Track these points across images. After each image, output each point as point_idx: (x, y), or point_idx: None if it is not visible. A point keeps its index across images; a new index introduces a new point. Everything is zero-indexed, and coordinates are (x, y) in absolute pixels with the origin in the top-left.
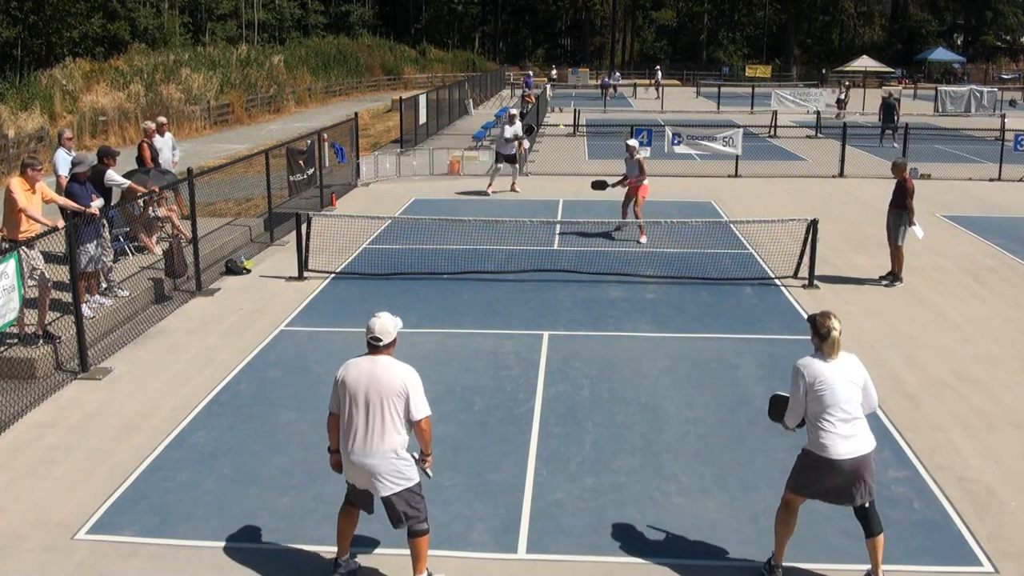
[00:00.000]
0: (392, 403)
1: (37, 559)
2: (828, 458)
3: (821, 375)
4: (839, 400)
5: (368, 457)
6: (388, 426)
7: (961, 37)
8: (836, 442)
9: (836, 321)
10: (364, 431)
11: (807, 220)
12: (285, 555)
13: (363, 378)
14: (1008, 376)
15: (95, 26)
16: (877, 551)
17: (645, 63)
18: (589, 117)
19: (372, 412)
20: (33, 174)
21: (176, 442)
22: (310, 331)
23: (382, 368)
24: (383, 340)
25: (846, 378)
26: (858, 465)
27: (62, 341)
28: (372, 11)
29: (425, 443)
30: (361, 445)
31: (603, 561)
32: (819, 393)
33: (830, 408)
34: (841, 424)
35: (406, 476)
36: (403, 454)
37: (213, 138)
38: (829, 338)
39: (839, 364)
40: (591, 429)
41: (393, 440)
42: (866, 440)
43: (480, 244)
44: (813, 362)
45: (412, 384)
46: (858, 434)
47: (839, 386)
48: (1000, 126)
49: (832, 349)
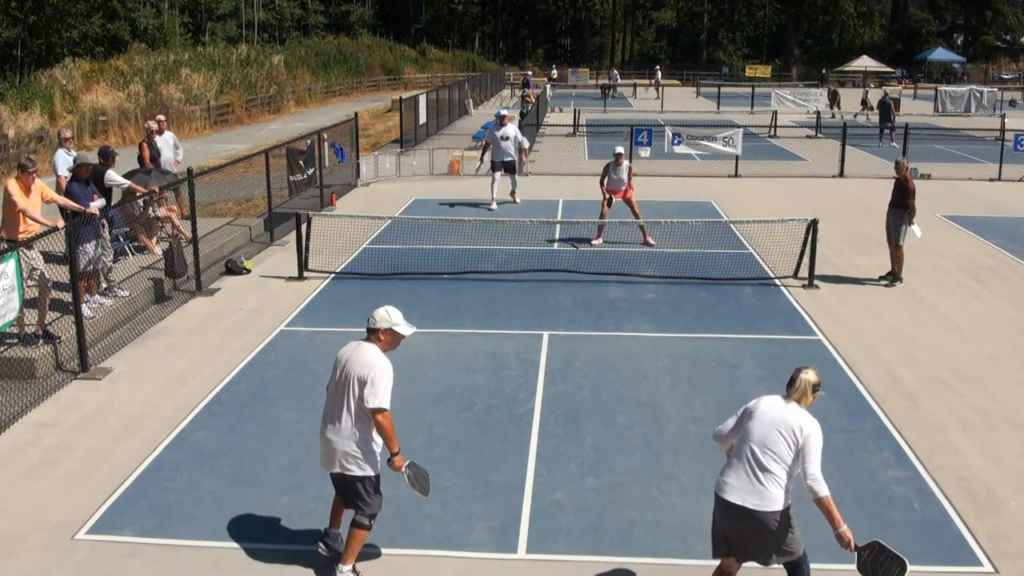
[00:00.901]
0: (352, 388)
1: (37, 559)
2: (718, 495)
3: (755, 409)
4: (753, 441)
5: (331, 433)
6: (350, 406)
7: (961, 37)
8: (729, 482)
9: (813, 373)
10: (331, 409)
11: (807, 220)
12: (285, 555)
13: (344, 359)
14: (1008, 376)
15: (95, 26)
16: None
17: (645, 63)
18: (589, 117)
19: (340, 392)
20: (27, 176)
21: (176, 442)
22: (310, 331)
23: (360, 353)
24: (373, 325)
25: (777, 424)
26: (745, 518)
27: (62, 341)
28: (372, 11)
29: (385, 437)
30: (329, 422)
31: (603, 561)
32: (743, 429)
33: (742, 445)
34: (743, 470)
35: (362, 464)
36: (365, 438)
37: (213, 138)
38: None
39: (784, 409)
40: (591, 429)
41: (356, 423)
42: (766, 498)
43: (480, 244)
44: (766, 397)
45: (377, 373)
46: (758, 488)
47: (763, 429)
48: (1000, 126)
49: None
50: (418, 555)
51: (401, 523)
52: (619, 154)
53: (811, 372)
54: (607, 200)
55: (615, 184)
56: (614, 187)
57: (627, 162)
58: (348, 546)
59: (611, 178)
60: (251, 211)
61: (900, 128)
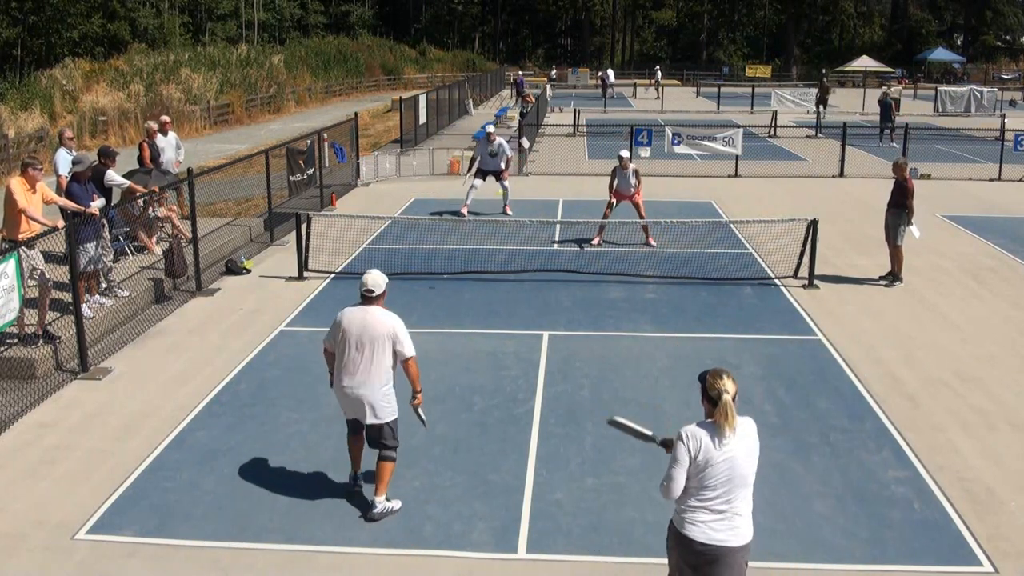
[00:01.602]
0: (382, 345)
1: (37, 559)
2: (685, 535)
3: (709, 455)
4: (719, 484)
5: (361, 388)
6: (376, 364)
7: (961, 37)
8: (697, 526)
9: (730, 382)
10: (358, 368)
11: (807, 220)
12: (285, 555)
13: (357, 324)
14: (1008, 376)
15: (95, 26)
16: None
17: (645, 63)
18: (589, 117)
19: (365, 353)
20: (34, 174)
21: (176, 442)
22: (310, 331)
23: (373, 316)
24: (375, 291)
25: (737, 458)
26: (718, 556)
27: (62, 341)
28: (372, 11)
29: (413, 380)
30: (355, 379)
31: (603, 561)
32: (702, 473)
33: (706, 490)
34: (713, 510)
35: (389, 411)
36: (388, 389)
37: (213, 138)
38: (720, 404)
39: (735, 438)
40: (591, 429)
41: (381, 376)
42: (740, 533)
43: (480, 244)
44: (702, 435)
45: (400, 329)
46: (732, 524)
47: (728, 468)
48: (1000, 126)
49: (724, 418)
50: (418, 555)
51: (401, 523)
52: (621, 158)
53: (730, 386)
54: (611, 203)
55: (623, 187)
56: (622, 190)
57: (633, 165)
58: (381, 478)
59: (619, 181)
60: (251, 211)
61: (900, 128)
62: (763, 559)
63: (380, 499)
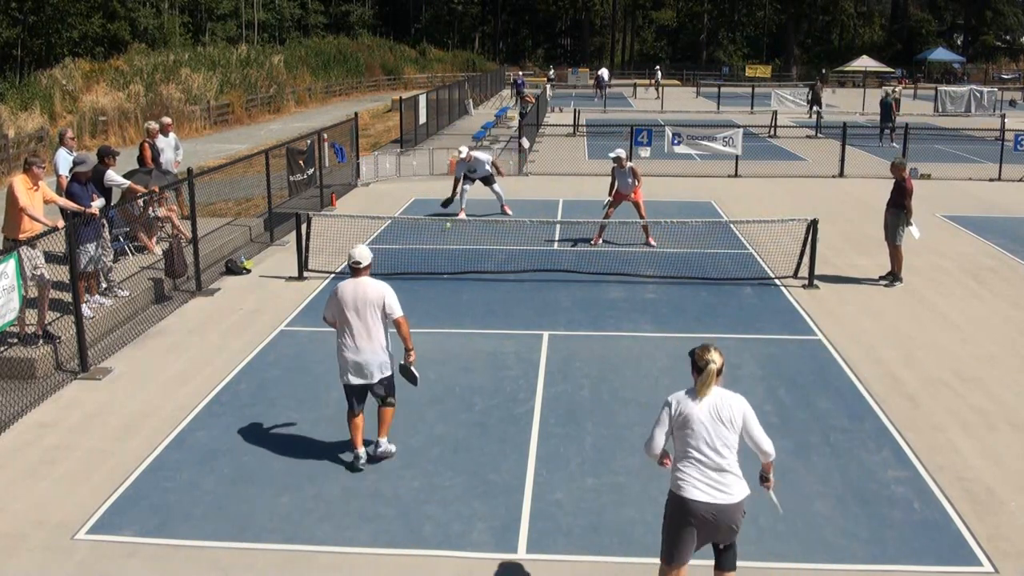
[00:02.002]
0: (375, 309)
1: (37, 559)
2: (684, 498)
3: (688, 412)
4: (699, 441)
5: (368, 352)
6: (373, 326)
7: (961, 37)
8: (694, 486)
9: (717, 355)
10: (359, 332)
11: (807, 220)
12: (285, 555)
13: (350, 293)
14: (1008, 376)
15: (95, 26)
16: None
17: (645, 63)
18: (589, 117)
19: (362, 318)
20: (37, 172)
21: (176, 442)
22: (310, 331)
23: (363, 284)
24: (361, 263)
25: (715, 418)
26: (715, 515)
27: (62, 341)
28: (372, 11)
29: (405, 338)
30: (361, 344)
31: (603, 561)
32: (683, 432)
33: (691, 450)
34: (702, 468)
35: (390, 366)
36: (386, 348)
37: (213, 138)
38: (704, 371)
39: (710, 402)
40: (591, 429)
41: (379, 336)
42: (733, 490)
43: (480, 244)
44: (683, 398)
45: (389, 293)
46: (720, 481)
47: (706, 427)
48: (1000, 126)
49: (704, 385)
50: (418, 555)
51: (401, 523)
52: (616, 158)
53: (716, 357)
54: (611, 204)
55: (623, 187)
56: (622, 190)
57: (629, 164)
58: (384, 422)
59: (618, 181)
60: (251, 211)
61: (900, 128)
62: (763, 559)
63: (383, 440)
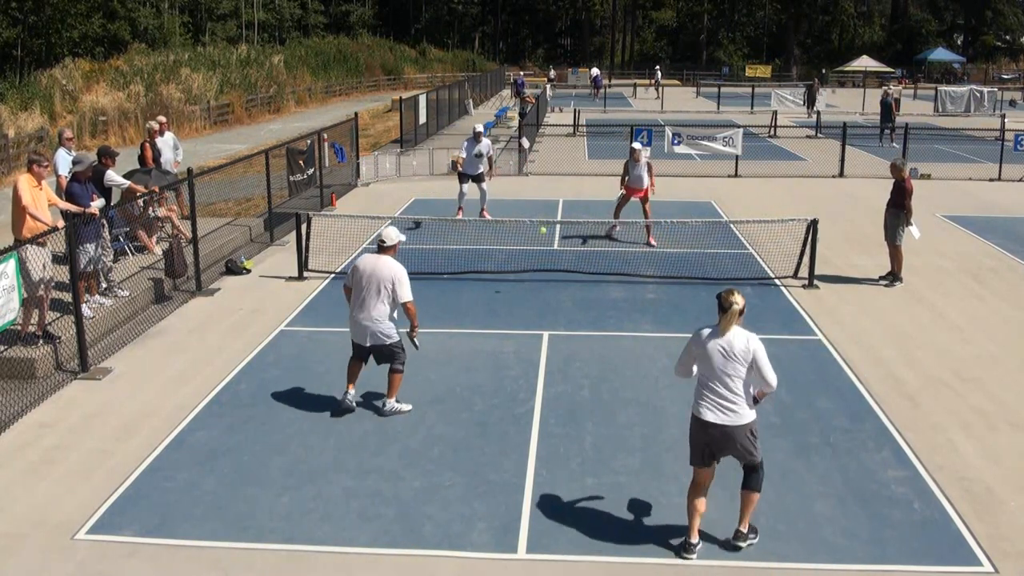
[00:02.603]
0: (386, 286)
1: (37, 559)
2: (699, 418)
3: (708, 345)
4: (715, 371)
5: (368, 319)
6: (381, 300)
7: (961, 37)
8: (706, 407)
9: (740, 297)
10: (367, 301)
11: (807, 220)
12: (285, 555)
13: (368, 267)
14: (1008, 376)
15: (95, 26)
16: (746, 504)
17: (645, 63)
18: (589, 117)
19: (371, 291)
20: (39, 170)
21: (176, 442)
22: (310, 331)
23: (382, 262)
24: (387, 242)
25: (730, 352)
26: (724, 434)
27: (62, 341)
28: (372, 11)
29: (412, 318)
30: (364, 310)
31: (603, 561)
32: (703, 362)
33: (706, 376)
34: (713, 393)
35: (391, 335)
36: (389, 320)
37: (213, 138)
38: (728, 311)
39: (728, 338)
40: (591, 429)
41: (383, 310)
42: (737, 414)
43: (480, 244)
44: (707, 332)
45: (399, 277)
46: (728, 406)
47: (717, 359)
48: (1000, 126)
49: (727, 323)
50: (418, 555)
51: (401, 523)
52: (634, 149)
53: (739, 299)
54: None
55: (635, 181)
56: (634, 184)
57: (645, 158)
58: (391, 386)
59: (631, 175)
60: (251, 211)
61: (900, 128)
62: (764, 559)
63: (390, 401)
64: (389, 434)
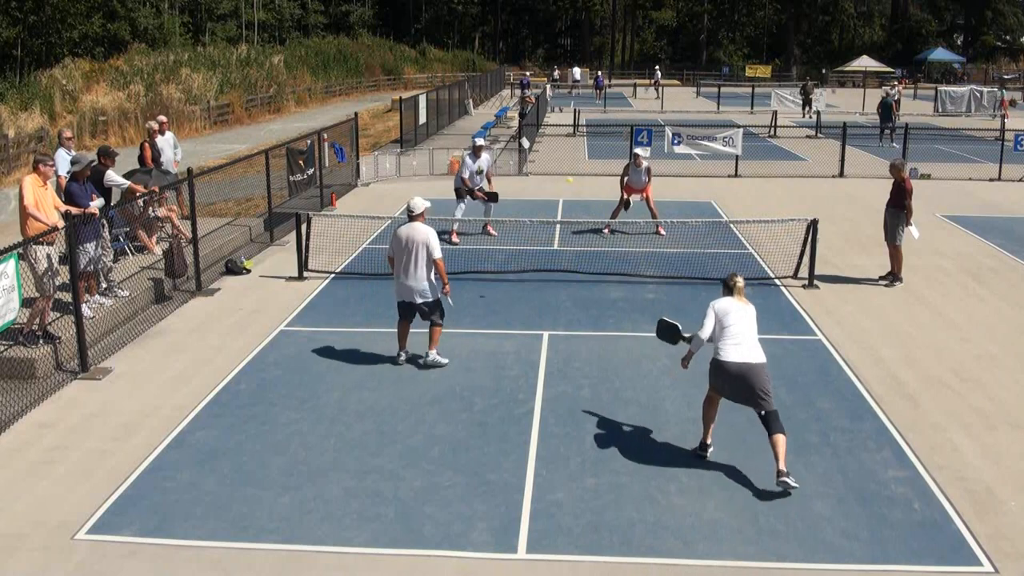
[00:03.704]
0: (423, 247)
1: (37, 559)
2: (723, 360)
3: (728, 306)
4: (738, 321)
5: (412, 280)
6: (421, 262)
7: (961, 37)
8: (731, 350)
9: (741, 280)
10: (409, 265)
11: (807, 220)
12: (285, 555)
13: (405, 234)
14: (1008, 376)
15: (95, 26)
16: (776, 447)
17: (645, 63)
18: (589, 117)
19: (413, 254)
20: (45, 170)
21: (176, 442)
22: (310, 331)
23: (416, 228)
24: (414, 211)
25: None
26: (744, 371)
27: (62, 341)
28: (372, 11)
29: (442, 275)
30: (407, 273)
31: (603, 561)
32: (725, 319)
33: (730, 329)
34: (737, 339)
35: (431, 294)
36: (429, 280)
37: (213, 138)
38: (735, 288)
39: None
40: (591, 429)
41: (423, 269)
42: (757, 354)
43: (480, 244)
44: (723, 299)
45: (431, 238)
46: (750, 349)
47: (740, 314)
48: (1000, 126)
49: (740, 294)
50: (418, 555)
51: (402, 523)
52: (637, 155)
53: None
54: (624, 201)
55: (635, 182)
56: (634, 185)
57: (646, 163)
58: (432, 338)
59: (631, 178)
60: (251, 211)
61: (900, 128)
62: (763, 559)
63: (432, 352)
64: (389, 434)
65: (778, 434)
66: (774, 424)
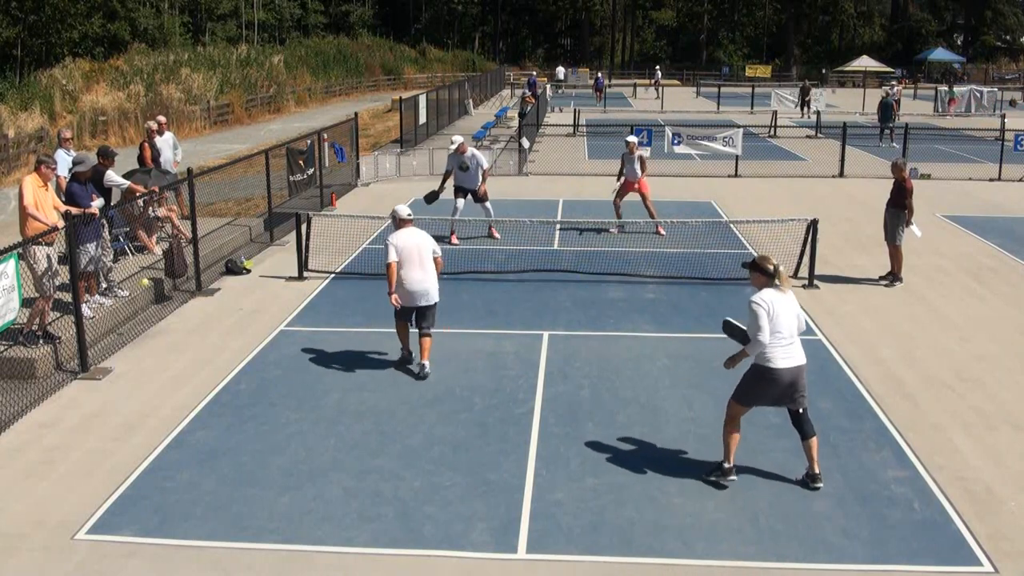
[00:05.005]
0: (429, 250)
1: (37, 559)
2: (772, 368)
3: (779, 305)
4: (787, 324)
5: (428, 281)
6: (429, 262)
7: (961, 37)
8: (780, 358)
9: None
10: (419, 268)
11: (807, 220)
12: (285, 555)
13: (412, 240)
14: (1008, 376)
15: (95, 26)
16: (812, 450)
17: (645, 63)
18: (589, 117)
19: (422, 257)
20: (47, 171)
21: (176, 442)
22: (310, 331)
23: (418, 233)
24: (406, 217)
25: (793, 307)
26: (796, 376)
27: (62, 341)
28: (372, 11)
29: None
30: (424, 273)
31: (603, 561)
32: (774, 320)
33: (778, 335)
34: (785, 344)
35: (437, 297)
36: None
37: (213, 138)
38: (779, 273)
39: (789, 295)
40: (591, 429)
41: (434, 270)
42: (802, 356)
43: (480, 244)
44: (772, 296)
45: (431, 237)
46: (796, 352)
47: (788, 313)
48: (1000, 126)
49: (784, 282)
50: (418, 555)
51: (401, 523)
52: (628, 142)
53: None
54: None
55: (629, 174)
56: (629, 176)
57: (639, 151)
58: (425, 348)
59: (626, 168)
60: (251, 211)
61: (900, 128)
62: (763, 559)
63: (426, 362)
64: (389, 434)
65: (813, 437)
66: (807, 426)
